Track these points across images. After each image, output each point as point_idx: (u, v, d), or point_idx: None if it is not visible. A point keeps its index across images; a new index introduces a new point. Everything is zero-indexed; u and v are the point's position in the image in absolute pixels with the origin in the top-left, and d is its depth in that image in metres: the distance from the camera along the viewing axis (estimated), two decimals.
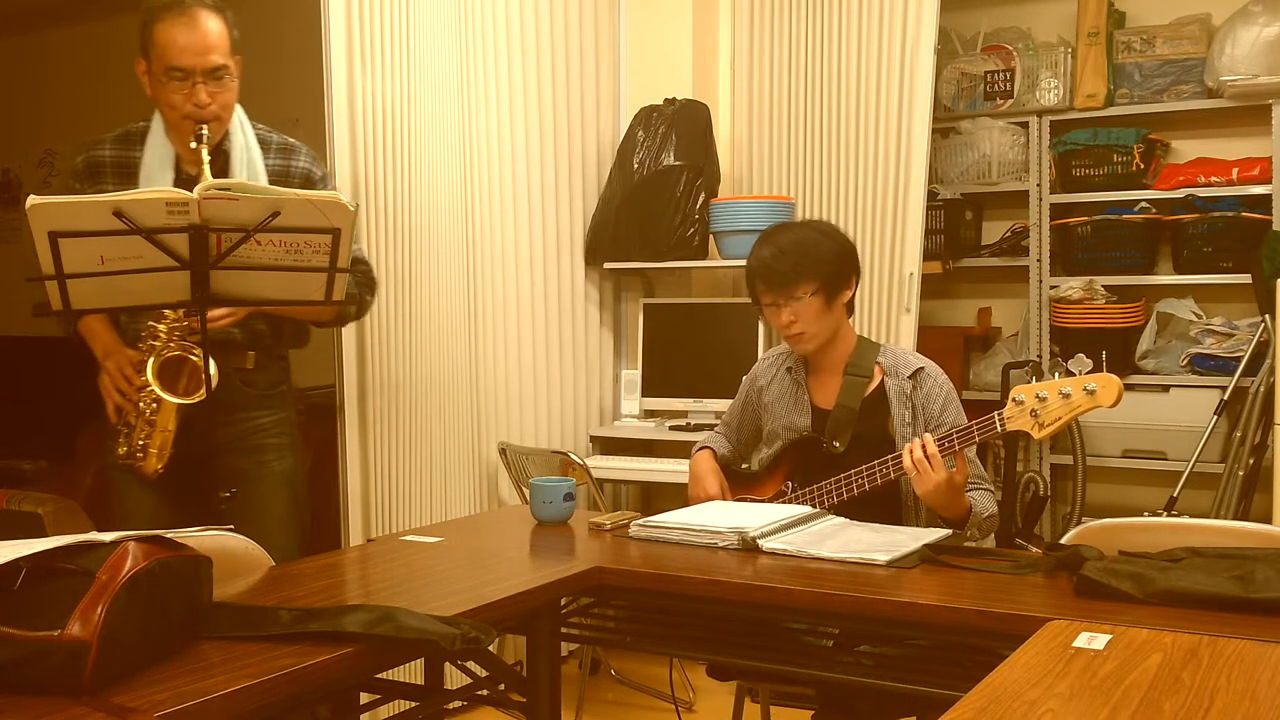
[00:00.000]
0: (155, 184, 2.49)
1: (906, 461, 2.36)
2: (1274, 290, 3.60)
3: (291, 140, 2.74)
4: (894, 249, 3.93)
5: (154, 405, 2.45)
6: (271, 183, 2.58)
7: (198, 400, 2.40)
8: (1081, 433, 4.17)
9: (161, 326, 2.45)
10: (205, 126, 2.46)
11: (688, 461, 2.81)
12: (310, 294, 2.28)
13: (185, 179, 2.52)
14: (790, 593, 1.95)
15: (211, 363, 2.36)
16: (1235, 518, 3.84)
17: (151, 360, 2.43)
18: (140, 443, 2.47)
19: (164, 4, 2.50)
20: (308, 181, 2.68)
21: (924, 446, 2.35)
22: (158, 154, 2.57)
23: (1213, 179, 4.12)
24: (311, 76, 3.20)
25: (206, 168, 2.37)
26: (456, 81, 3.66)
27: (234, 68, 2.55)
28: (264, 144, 2.67)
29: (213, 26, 2.50)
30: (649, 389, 4.19)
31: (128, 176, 2.56)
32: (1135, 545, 1.99)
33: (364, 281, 2.77)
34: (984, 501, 2.50)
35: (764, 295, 2.61)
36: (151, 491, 2.54)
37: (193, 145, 2.45)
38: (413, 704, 1.99)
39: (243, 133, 2.63)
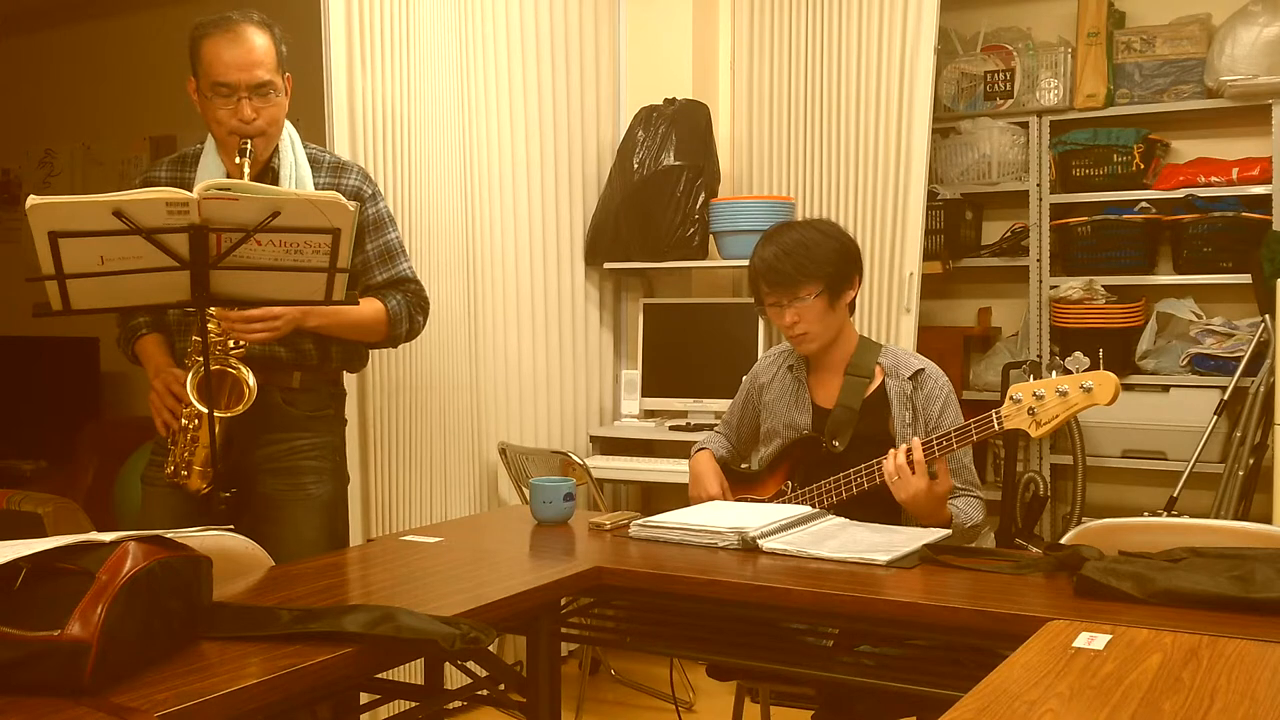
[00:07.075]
0: None
1: (889, 466, 2.36)
2: (1274, 290, 3.61)
3: (344, 159, 2.73)
4: (894, 249, 3.93)
5: (195, 421, 2.42)
6: None
7: (237, 413, 2.39)
8: (1081, 432, 4.17)
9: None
10: (250, 142, 2.45)
11: (688, 461, 2.81)
12: (310, 294, 2.28)
13: None
14: (790, 593, 1.94)
15: (251, 375, 2.37)
16: (1235, 518, 3.84)
17: (190, 376, 2.41)
18: (185, 458, 2.45)
19: (211, 21, 2.48)
20: (357, 200, 2.61)
21: (909, 452, 2.35)
22: (208, 173, 2.53)
23: (1213, 179, 4.12)
24: (311, 76, 3.20)
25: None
26: (456, 81, 3.66)
27: (282, 84, 2.52)
28: (315, 163, 2.64)
29: (259, 42, 2.48)
30: (649, 389, 4.19)
31: None
32: (1135, 545, 1.99)
33: (415, 302, 2.72)
34: (968, 511, 2.50)
35: (767, 296, 2.61)
36: (180, 508, 2.47)
37: (237, 161, 2.44)
38: (413, 704, 1.99)
39: (292, 151, 2.59)
